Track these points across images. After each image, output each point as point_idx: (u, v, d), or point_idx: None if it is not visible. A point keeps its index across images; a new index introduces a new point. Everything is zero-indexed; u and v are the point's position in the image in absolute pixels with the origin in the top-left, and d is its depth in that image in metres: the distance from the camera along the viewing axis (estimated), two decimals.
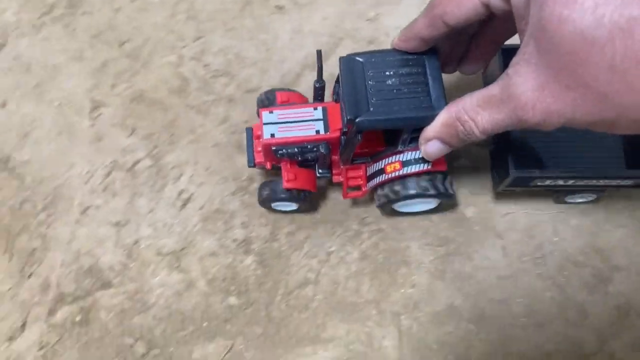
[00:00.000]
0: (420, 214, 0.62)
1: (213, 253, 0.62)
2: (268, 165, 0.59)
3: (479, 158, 0.63)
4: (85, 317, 0.59)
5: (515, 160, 0.54)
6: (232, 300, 0.60)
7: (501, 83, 0.36)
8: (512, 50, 0.38)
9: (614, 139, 0.56)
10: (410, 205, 0.59)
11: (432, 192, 0.55)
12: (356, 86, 0.49)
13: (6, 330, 0.59)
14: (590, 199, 0.60)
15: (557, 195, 0.60)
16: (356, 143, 0.51)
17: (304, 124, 0.55)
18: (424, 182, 0.55)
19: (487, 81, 0.58)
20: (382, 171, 0.56)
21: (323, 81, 0.55)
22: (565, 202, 0.61)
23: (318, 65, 0.53)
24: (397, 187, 0.55)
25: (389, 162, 0.55)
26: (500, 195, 0.62)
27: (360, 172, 0.59)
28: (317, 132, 0.54)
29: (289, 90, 0.62)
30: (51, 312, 0.60)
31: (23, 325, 0.59)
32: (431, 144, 0.46)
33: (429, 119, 0.46)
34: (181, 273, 0.61)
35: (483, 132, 0.40)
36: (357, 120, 0.47)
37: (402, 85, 0.48)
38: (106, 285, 0.61)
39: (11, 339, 0.59)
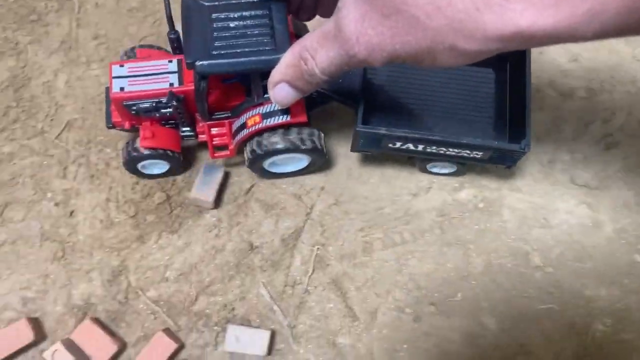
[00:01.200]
0: (292, 175, 0.60)
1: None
2: (127, 125, 0.54)
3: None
4: (487, 209, 0.60)
5: (365, 117, 0.52)
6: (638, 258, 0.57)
7: (334, 18, 0.35)
8: None
9: (485, 114, 0.56)
10: (280, 164, 0.57)
11: (300, 145, 0.53)
12: (198, 30, 0.46)
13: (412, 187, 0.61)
14: (451, 170, 0.59)
15: (420, 163, 0.59)
16: (203, 92, 0.48)
17: (157, 77, 0.51)
18: (292, 135, 0.53)
19: None
20: (244, 126, 0.53)
21: (176, 32, 0.51)
22: (429, 172, 0.60)
23: (167, 14, 0.49)
24: (265, 142, 0.53)
25: (250, 115, 0.53)
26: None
27: (225, 130, 0.56)
28: (171, 84, 0.51)
29: (153, 47, 0.58)
30: (455, 190, 0.61)
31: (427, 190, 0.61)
32: (279, 87, 0.43)
33: (273, 62, 0.43)
34: (590, 210, 0.60)
35: (322, 72, 0.38)
36: (197, 64, 0.45)
37: (247, 29, 0.46)
38: (516, 190, 0.60)
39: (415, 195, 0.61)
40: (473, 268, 0.58)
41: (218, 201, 0.59)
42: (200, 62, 0.45)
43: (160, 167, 0.58)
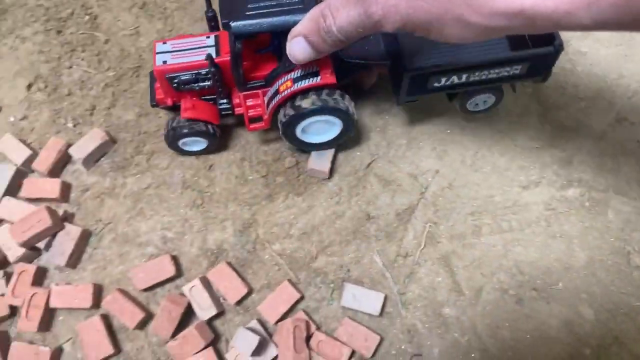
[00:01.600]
0: (325, 147, 0.63)
1: None
2: (169, 102, 0.59)
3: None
4: (593, 207, 0.63)
5: (409, 61, 0.55)
6: None
7: None
8: None
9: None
10: (313, 132, 0.60)
11: (330, 105, 0.55)
12: None
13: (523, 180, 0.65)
14: (490, 103, 0.63)
15: (460, 103, 0.62)
16: (239, 53, 0.52)
17: (196, 51, 0.55)
18: (323, 96, 0.56)
19: None
20: (277, 92, 0.57)
21: (213, 10, 0.55)
22: (470, 111, 0.64)
23: None
24: (297, 103, 0.56)
25: (282, 82, 0.56)
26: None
27: (259, 101, 0.59)
28: (209, 55, 0.54)
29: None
30: (563, 187, 0.64)
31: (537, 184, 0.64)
32: (295, 40, 0.45)
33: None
34: None
35: (339, 30, 0.41)
36: (232, 24, 0.48)
37: None
38: (622, 193, 0.63)
39: (525, 188, 0.65)
40: (575, 261, 0.61)
41: (332, 172, 0.64)
42: (235, 23, 0.49)
43: (199, 144, 0.62)
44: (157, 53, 0.55)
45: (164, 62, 0.54)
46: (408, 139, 0.67)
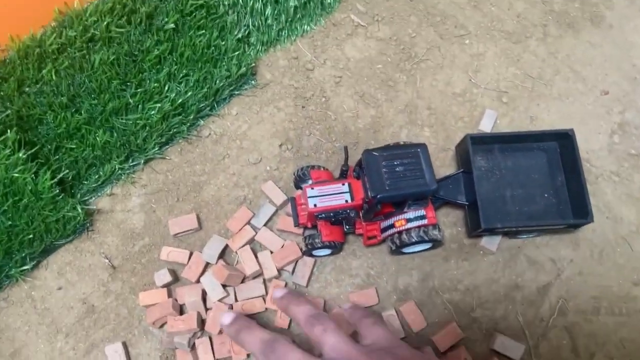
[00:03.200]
0: (417, 253, 0.86)
1: None
2: (309, 225, 0.81)
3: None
4: None
5: (484, 215, 0.79)
6: None
7: None
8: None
9: (547, 200, 0.85)
10: (412, 247, 0.82)
11: (426, 238, 0.77)
12: (375, 172, 0.72)
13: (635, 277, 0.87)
14: (533, 235, 0.86)
15: (511, 234, 0.86)
16: (377, 210, 0.76)
17: (336, 196, 0.77)
18: (422, 232, 0.77)
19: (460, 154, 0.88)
20: (392, 226, 0.79)
21: (348, 166, 0.80)
22: (517, 238, 0.87)
23: (345, 156, 0.79)
24: (404, 237, 0.78)
25: (397, 219, 0.79)
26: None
27: (376, 226, 0.82)
28: (346, 201, 0.76)
29: (319, 168, 0.84)
30: None
31: None
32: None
33: (425, 193, 0.72)
34: None
35: None
36: (378, 196, 0.71)
37: (406, 170, 0.72)
38: None
39: (636, 285, 0.86)
40: None
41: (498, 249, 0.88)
42: (380, 195, 0.71)
43: (325, 251, 0.84)
44: (309, 197, 0.75)
45: (315, 205, 0.76)
46: (552, 232, 0.89)
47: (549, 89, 1.00)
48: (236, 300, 0.83)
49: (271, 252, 0.84)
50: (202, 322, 0.81)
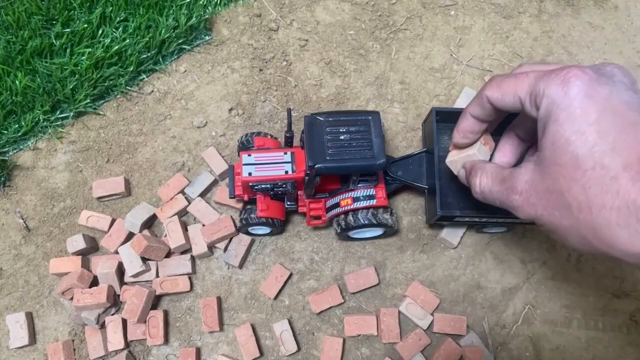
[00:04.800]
0: (369, 240, 0.76)
1: None
2: (245, 197, 0.71)
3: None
4: None
5: (442, 202, 0.68)
6: None
7: (513, 169, 0.45)
8: None
9: None
10: (361, 233, 0.72)
11: (375, 222, 0.68)
12: (316, 139, 0.62)
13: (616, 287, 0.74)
14: (502, 230, 0.75)
15: (477, 228, 0.76)
16: (316, 184, 0.65)
17: (275, 165, 0.66)
18: (370, 215, 0.68)
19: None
20: (337, 205, 0.69)
21: (292, 132, 0.67)
22: (483, 232, 0.76)
23: (288, 121, 0.66)
24: (350, 218, 0.68)
25: (343, 197, 0.69)
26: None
27: (321, 205, 0.72)
28: (286, 172, 0.66)
29: (265, 135, 0.73)
30: None
31: (627, 295, 0.73)
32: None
33: (371, 167, 0.61)
34: None
35: (481, 192, 0.49)
36: (316, 166, 0.61)
37: (352, 140, 0.62)
38: None
39: (617, 296, 0.74)
40: None
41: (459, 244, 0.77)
42: (319, 165, 0.61)
43: (263, 230, 0.73)
44: (244, 164, 0.65)
45: (249, 173, 0.66)
46: (525, 229, 0.78)
47: None
48: (157, 276, 0.73)
49: (203, 226, 0.75)
50: (115, 298, 0.72)
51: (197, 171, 0.80)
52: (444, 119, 0.73)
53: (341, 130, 0.63)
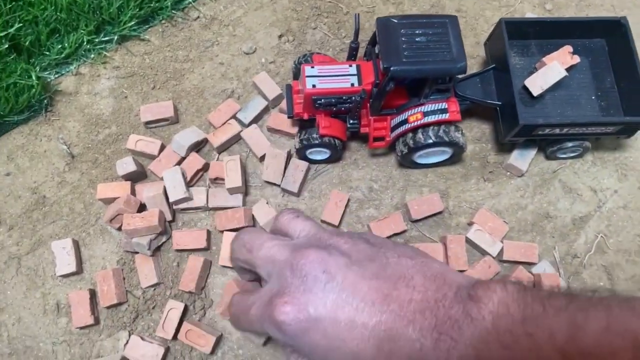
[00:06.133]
0: (434, 166, 0.71)
1: None
2: (305, 116, 0.65)
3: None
4: None
5: (523, 111, 0.62)
6: None
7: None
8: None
9: (593, 103, 0.68)
10: (426, 157, 0.68)
11: (446, 139, 0.63)
12: (391, 42, 0.57)
13: None
14: (577, 152, 0.71)
15: (551, 150, 0.70)
16: (389, 91, 0.59)
17: (340, 78, 0.62)
18: (442, 132, 0.63)
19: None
20: (405, 121, 0.64)
21: (358, 42, 0.63)
22: (554, 157, 0.72)
23: (355, 28, 0.61)
24: (420, 136, 0.63)
25: (412, 113, 0.64)
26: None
27: (385, 124, 0.67)
28: (352, 84, 0.61)
29: (324, 54, 0.69)
30: None
31: None
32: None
33: (451, 71, 0.57)
34: None
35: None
36: (391, 68, 0.56)
37: (430, 42, 0.58)
38: None
39: None
40: None
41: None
42: (394, 67, 0.56)
43: (323, 154, 0.69)
44: (307, 76, 0.61)
45: (313, 85, 0.61)
46: (594, 157, 0.74)
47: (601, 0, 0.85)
48: (207, 205, 0.69)
49: (258, 158, 0.70)
50: (165, 225, 0.68)
51: (247, 98, 0.76)
52: (512, 34, 0.69)
53: (417, 32, 0.59)
